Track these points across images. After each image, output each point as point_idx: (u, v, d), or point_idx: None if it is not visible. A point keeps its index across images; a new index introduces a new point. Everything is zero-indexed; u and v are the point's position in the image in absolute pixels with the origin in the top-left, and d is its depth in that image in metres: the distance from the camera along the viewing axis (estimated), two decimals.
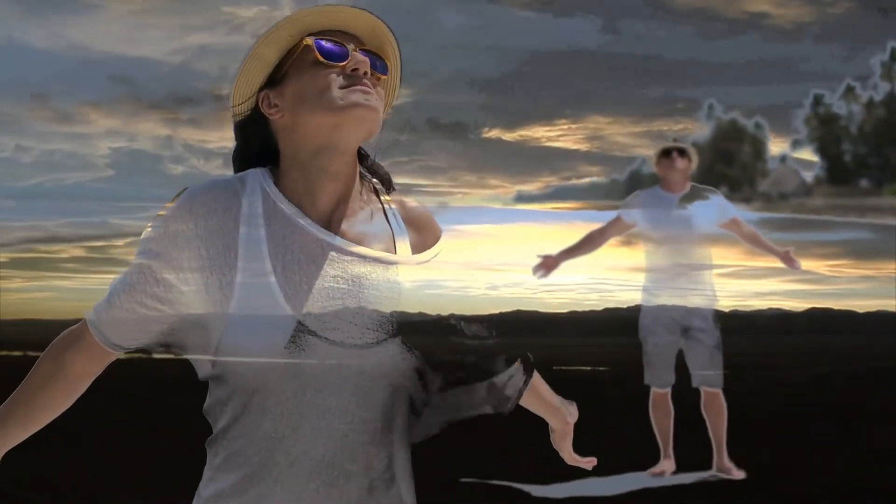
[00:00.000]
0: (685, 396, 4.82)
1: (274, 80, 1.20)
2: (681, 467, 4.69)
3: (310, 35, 1.18)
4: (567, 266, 4.88)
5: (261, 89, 1.21)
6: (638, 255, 4.93)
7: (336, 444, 1.12)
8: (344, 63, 1.16)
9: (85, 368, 1.27)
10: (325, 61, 1.16)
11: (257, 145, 1.24)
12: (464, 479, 4.33)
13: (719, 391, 4.70)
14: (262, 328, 1.11)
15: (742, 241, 4.86)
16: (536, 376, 1.37)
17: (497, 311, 1.29)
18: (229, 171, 1.27)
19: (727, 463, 4.66)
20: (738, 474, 4.61)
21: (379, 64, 1.21)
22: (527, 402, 1.38)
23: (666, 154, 4.73)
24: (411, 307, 1.20)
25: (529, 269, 4.84)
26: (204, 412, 1.19)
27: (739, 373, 9.46)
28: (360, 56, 1.17)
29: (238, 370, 1.13)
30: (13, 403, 1.27)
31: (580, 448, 1.47)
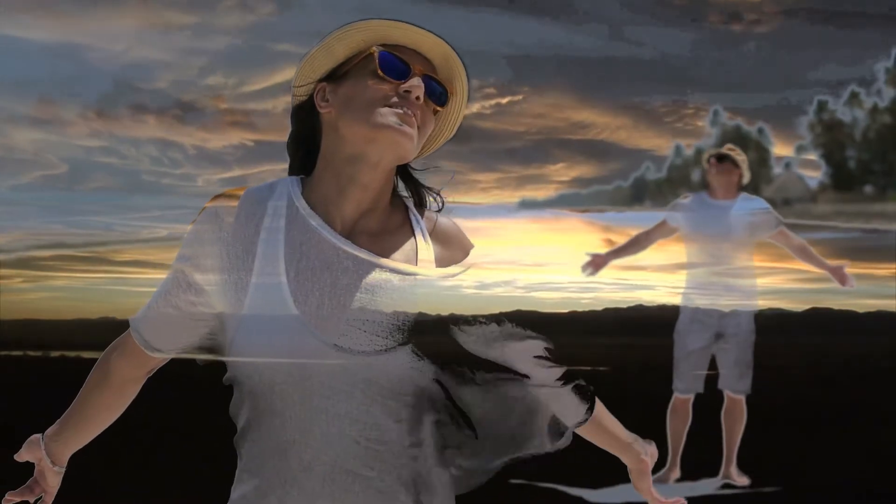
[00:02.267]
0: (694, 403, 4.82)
1: (335, 75, 1.22)
2: (686, 474, 4.69)
3: (383, 46, 1.18)
4: (568, 266, 4.90)
5: (321, 80, 1.23)
6: (639, 256, 4.93)
7: (349, 451, 1.13)
8: (401, 82, 1.17)
9: (130, 373, 1.30)
10: (383, 74, 1.17)
11: (305, 135, 1.26)
12: (514, 481, 4.34)
13: (742, 398, 4.69)
14: (270, 331, 1.13)
15: (791, 254, 4.80)
16: (600, 410, 1.34)
17: (497, 311, 1.29)
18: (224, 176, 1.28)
19: (734, 470, 4.67)
20: (743, 481, 4.61)
21: (440, 94, 1.22)
22: (591, 436, 1.37)
23: (717, 160, 4.69)
24: (427, 308, 1.20)
25: (530, 269, 4.87)
26: (230, 412, 1.22)
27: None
28: (417, 81, 1.17)
29: (247, 373, 1.15)
30: (70, 411, 1.32)
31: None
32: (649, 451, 1.42)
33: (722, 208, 4.68)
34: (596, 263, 4.83)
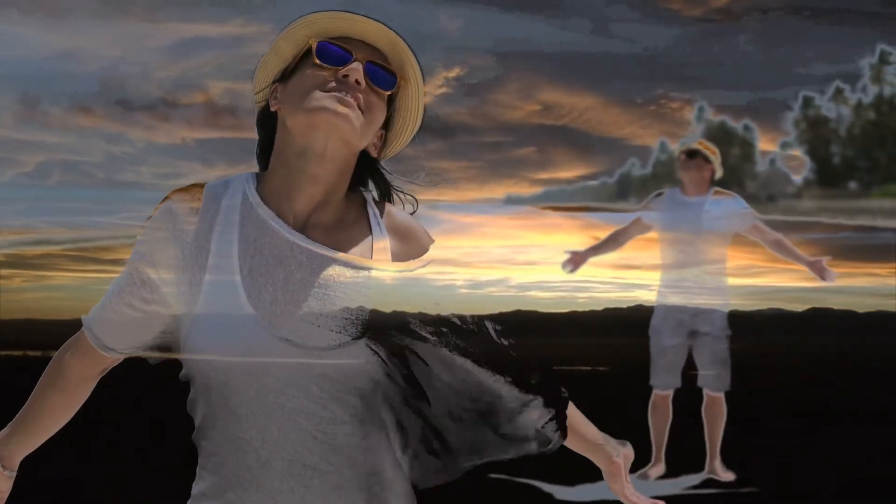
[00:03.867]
0: (681, 399, 4.82)
1: (285, 74, 1.22)
2: (672, 470, 4.69)
3: (329, 38, 1.19)
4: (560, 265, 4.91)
5: (275, 82, 1.23)
6: (634, 255, 4.94)
7: (306, 446, 1.13)
8: (339, 68, 1.17)
9: (83, 373, 1.28)
10: (319, 62, 1.17)
11: (268, 139, 1.26)
12: (493, 475, 4.34)
13: (721, 395, 4.70)
14: (223, 328, 1.12)
15: (767, 248, 4.77)
16: (573, 412, 1.33)
17: (497, 311, 1.28)
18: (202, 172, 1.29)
19: (718, 466, 4.67)
20: (728, 476, 4.63)
21: (388, 80, 1.21)
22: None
23: (689, 156, 4.66)
24: (418, 307, 1.19)
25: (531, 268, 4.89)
26: (187, 408, 1.21)
27: (739, 373, 9.46)
28: (355, 65, 1.17)
29: (201, 370, 1.14)
30: (21, 414, 1.30)
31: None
32: (622, 453, 1.39)
33: (694, 205, 4.66)
34: (575, 261, 4.85)
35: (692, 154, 4.65)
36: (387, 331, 1.16)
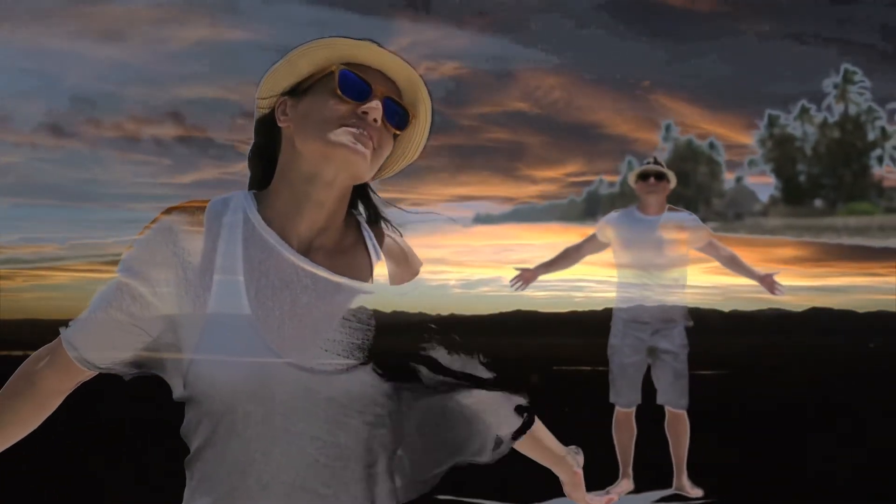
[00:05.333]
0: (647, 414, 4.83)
1: (297, 90, 1.21)
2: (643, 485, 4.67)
3: (347, 65, 1.18)
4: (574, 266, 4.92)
5: (283, 94, 1.22)
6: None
7: (308, 470, 1.12)
8: (360, 103, 1.16)
9: (56, 385, 1.25)
10: (342, 95, 1.16)
11: (265, 148, 1.25)
12: (441, 497, 4.33)
13: (683, 412, 4.72)
14: (232, 351, 1.11)
15: (721, 264, 4.85)
16: (537, 425, 1.35)
17: (497, 311, 1.29)
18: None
19: (686, 482, 4.68)
20: (696, 492, 4.63)
21: (401, 117, 1.21)
22: (527, 450, 1.38)
23: (643, 177, 4.73)
24: (417, 307, 1.20)
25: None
26: (181, 433, 1.18)
27: (739, 373, 9.46)
28: (375, 103, 1.16)
29: (207, 393, 1.12)
30: None
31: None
32: (579, 462, 1.44)
33: (652, 222, 4.70)
34: (525, 278, 4.84)
35: (660, 176, 4.72)
36: (391, 355, 1.17)
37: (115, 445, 5.45)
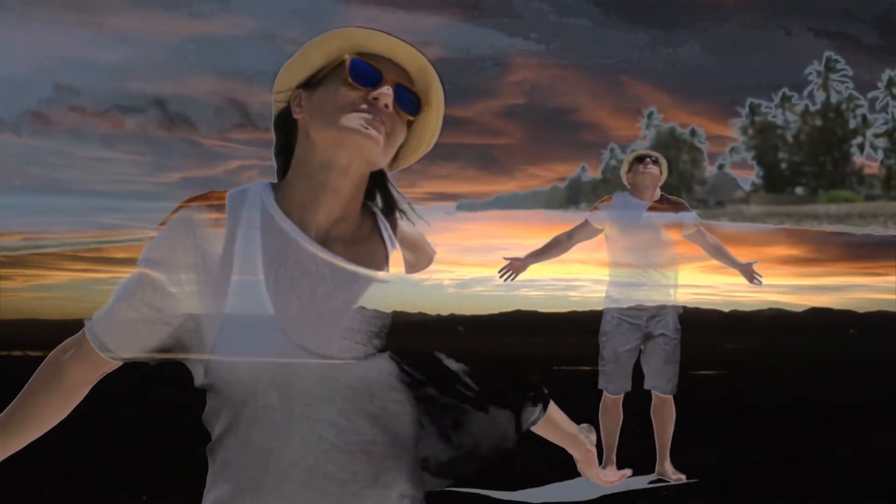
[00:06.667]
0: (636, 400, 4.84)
1: (311, 82, 1.23)
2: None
3: (359, 54, 1.20)
4: (569, 265, 4.91)
5: (298, 87, 1.24)
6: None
7: (328, 456, 1.14)
8: (371, 89, 1.18)
9: (81, 376, 1.28)
10: (353, 82, 1.18)
11: (285, 142, 1.26)
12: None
13: (670, 397, 4.72)
14: (251, 340, 1.13)
15: (706, 252, 4.90)
16: (552, 406, 1.38)
17: (497, 311, 1.30)
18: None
19: (668, 467, 4.71)
20: (678, 477, 4.65)
21: (413, 104, 1.22)
22: (544, 432, 1.40)
23: (638, 161, 4.79)
24: (418, 307, 1.21)
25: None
26: (202, 420, 1.21)
27: (739, 373, 9.46)
28: (386, 89, 1.18)
29: (227, 381, 1.14)
30: (10, 411, 1.28)
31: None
32: (592, 439, 1.48)
33: (645, 207, 4.75)
34: (515, 267, 4.80)
35: (641, 159, 4.78)
36: (408, 341, 1.19)
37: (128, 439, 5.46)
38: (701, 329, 4.88)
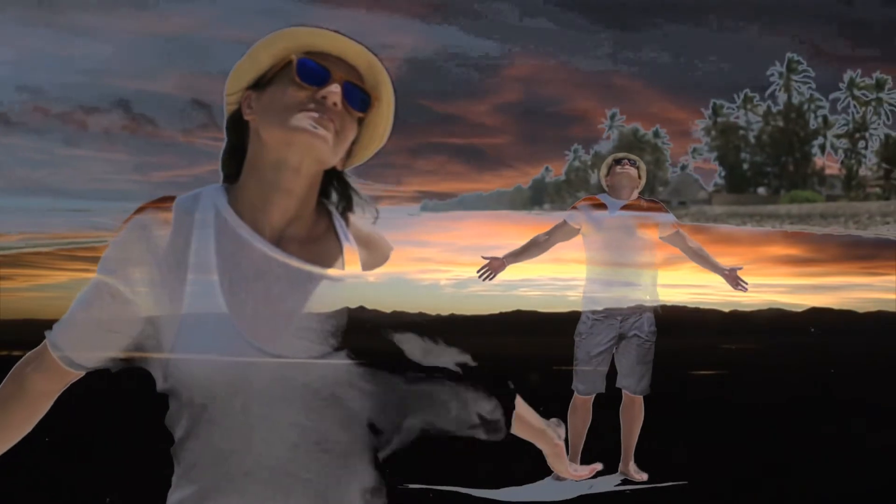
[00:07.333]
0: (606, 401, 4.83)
1: (260, 83, 1.23)
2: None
3: (307, 53, 1.20)
4: (568, 265, 4.91)
5: (248, 88, 1.24)
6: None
7: (289, 455, 1.15)
8: (318, 88, 1.18)
9: (45, 387, 1.27)
10: (300, 81, 1.18)
11: (237, 145, 1.26)
12: (411, 486, 4.31)
13: (640, 398, 4.74)
14: (208, 342, 1.13)
15: (686, 255, 4.91)
16: (519, 402, 1.39)
17: (497, 311, 1.30)
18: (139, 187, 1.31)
19: (631, 467, 4.73)
20: (641, 477, 4.66)
21: (363, 101, 1.23)
22: (512, 428, 1.40)
23: (616, 162, 4.82)
24: (414, 307, 1.21)
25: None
26: (165, 423, 1.21)
27: (739, 373, 9.45)
28: (334, 87, 1.18)
29: (185, 384, 1.15)
30: None
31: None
32: (560, 434, 1.48)
33: (621, 207, 4.77)
34: (493, 267, 4.81)
35: (632, 162, 4.83)
36: (364, 338, 1.19)
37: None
38: (701, 329, 4.87)
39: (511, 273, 4.98)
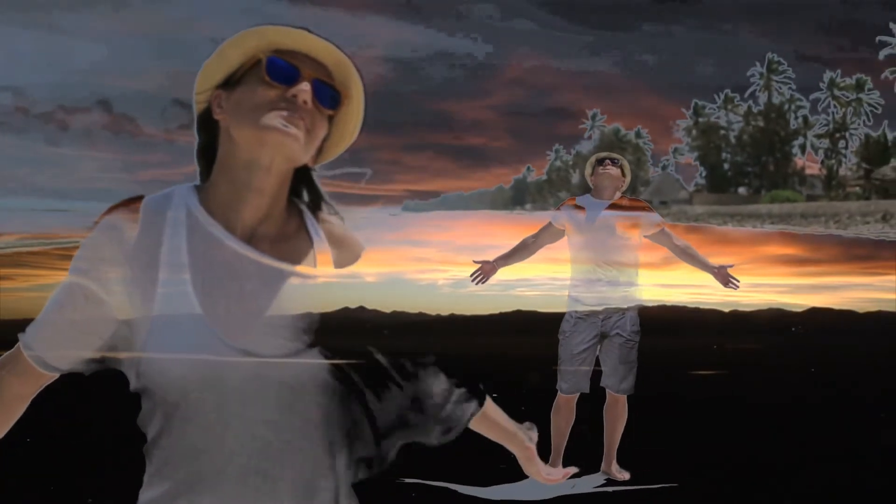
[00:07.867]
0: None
1: (230, 82, 1.23)
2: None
3: (276, 52, 1.20)
4: (567, 265, 4.92)
5: (218, 87, 1.24)
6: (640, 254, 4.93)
7: (262, 453, 1.15)
8: (288, 87, 1.18)
9: (19, 391, 1.27)
10: (270, 80, 1.18)
11: (208, 143, 1.26)
12: (406, 480, 4.33)
13: (623, 397, 4.74)
14: (180, 341, 1.13)
15: (673, 253, 4.90)
16: (490, 404, 1.40)
17: (497, 311, 1.30)
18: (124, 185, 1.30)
19: (614, 466, 4.72)
20: (623, 476, 4.67)
21: (332, 98, 1.23)
22: (482, 429, 1.42)
23: (599, 162, 4.83)
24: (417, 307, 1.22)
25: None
26: (137, 423, 1.21)
27: (739, 373, 9.45)
28: (304, 86, 1.18)
29: (159, 383, 1.15)
30: None
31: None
32: (532, 437, 1.48)
33: (605, 206, 4.78)
34: (485, 271, 4.84)
35: (614, 161, 4.84)
36: (338, 337, 1.20)
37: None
38: (701, 329, 4.87)
39: (509, 273, 5.00)
